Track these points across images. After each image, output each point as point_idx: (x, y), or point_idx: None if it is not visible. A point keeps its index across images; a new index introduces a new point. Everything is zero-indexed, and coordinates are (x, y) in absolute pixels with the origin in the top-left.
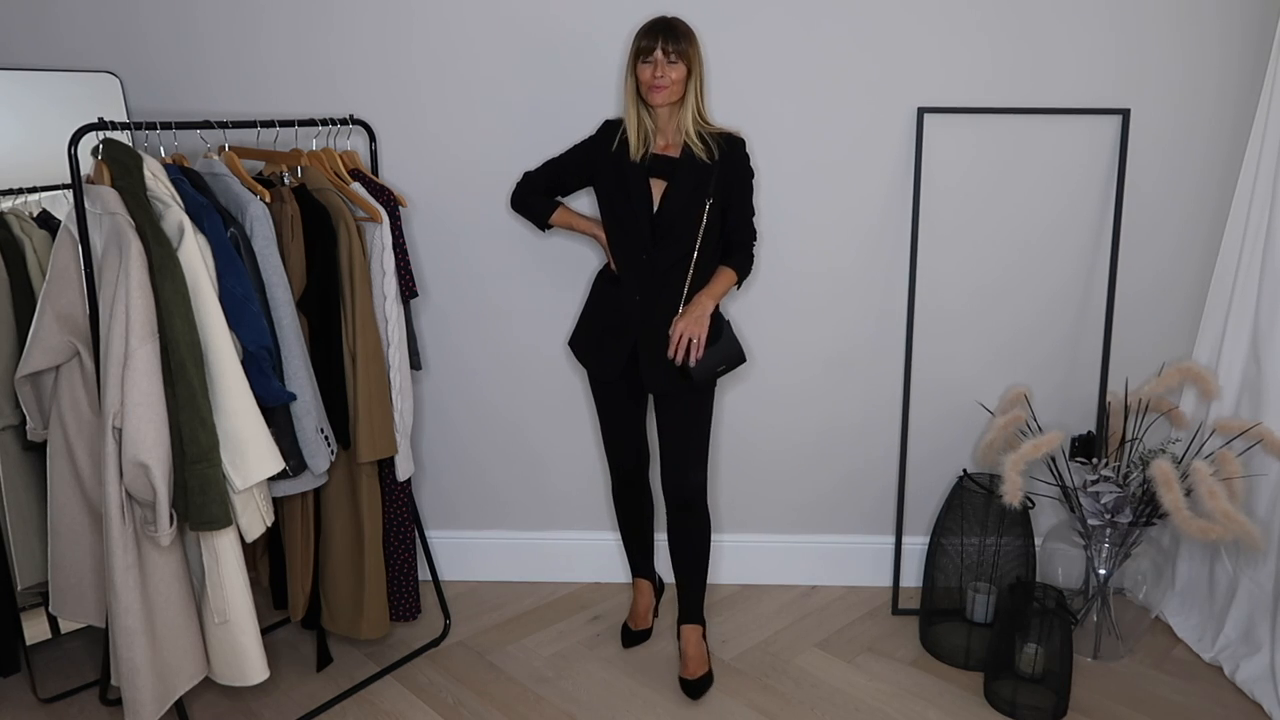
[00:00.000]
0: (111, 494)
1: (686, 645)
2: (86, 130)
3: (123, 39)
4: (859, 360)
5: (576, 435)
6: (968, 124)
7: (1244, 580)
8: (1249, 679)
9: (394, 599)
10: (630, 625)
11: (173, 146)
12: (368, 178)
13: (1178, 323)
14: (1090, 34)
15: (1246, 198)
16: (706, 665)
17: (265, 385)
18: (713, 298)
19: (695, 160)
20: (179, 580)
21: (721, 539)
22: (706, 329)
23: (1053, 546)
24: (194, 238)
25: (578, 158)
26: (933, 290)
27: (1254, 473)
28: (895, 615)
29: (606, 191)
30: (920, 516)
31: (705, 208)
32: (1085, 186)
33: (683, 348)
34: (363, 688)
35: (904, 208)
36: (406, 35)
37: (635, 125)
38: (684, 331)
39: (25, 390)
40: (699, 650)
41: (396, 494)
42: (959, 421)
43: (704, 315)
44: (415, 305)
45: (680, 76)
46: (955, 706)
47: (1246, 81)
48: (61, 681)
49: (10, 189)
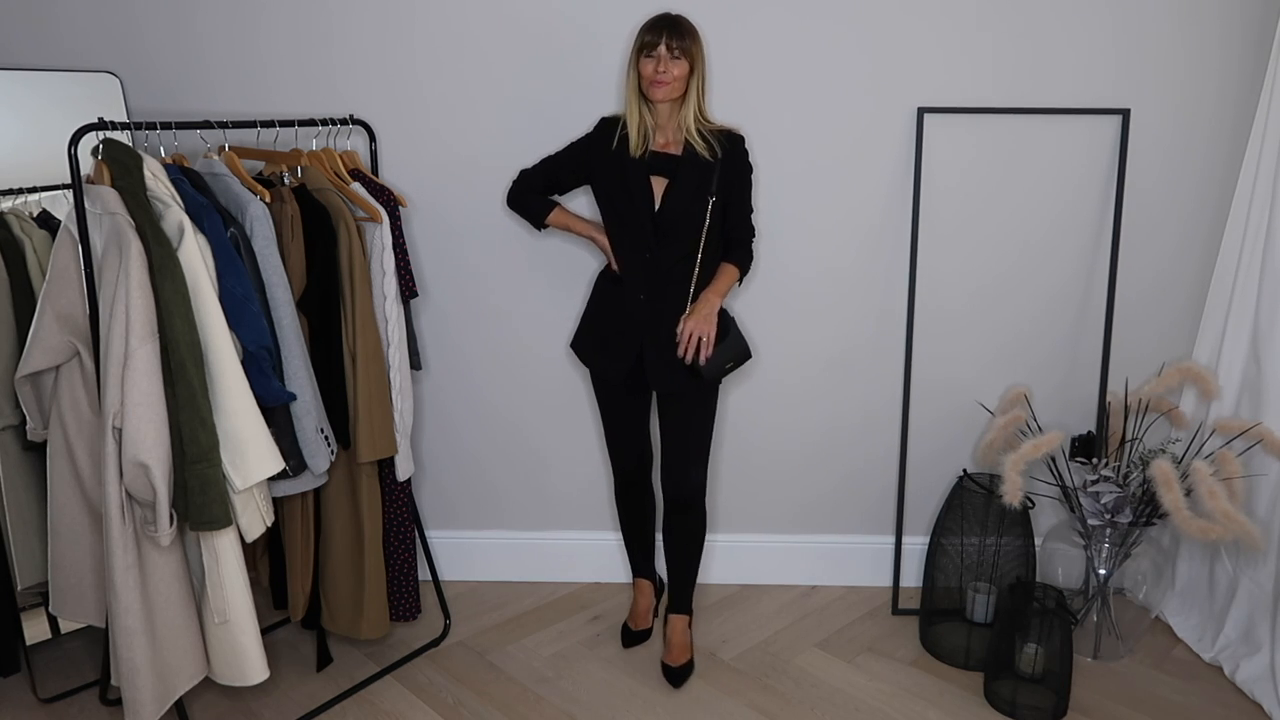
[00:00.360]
0: (111, 494)
1: (673, 633)
2: (86, 130)
3: (123, 39)
4: (859, 360)
5: (576, 435)
6: (968, 124)
7: (1244, 580)
8: (1249, 679)
9: (394, 599)
10: (630, 625)
11: (173, 146)
12: (368, 178)
13: (1178, 323)
14: (1090, 34)
15: (1246, 198)
16: (689, 654)
17: (265, 385)
18: (719, 295)
19: (698, 158)
20: (179, 580)
21: (722, 539)
22: (715, 327)
23: (1053, 546)
24: (194, 238)
25: (575, 155)
26: (933, 290)
27: (1254, 473)
28: (895, 615)
29: (606, 189)
30: (920, 516)
31: (709, 206)
32: (1085, 186)
33: (693, 346)
34: (363, 688)
35: (904, 208)
36: (407, 35)
37: (636, 122)
38: (694, 330)
39: (25, 390)
40: (684, 639)
41: (396, 494)
42: (959, 421)
43: (712, 313)
44: (415, 305)
45: (682, 73)
46: (955, 706)
47: (1246, 81)
48: (61, 681)
49: (10, 189)
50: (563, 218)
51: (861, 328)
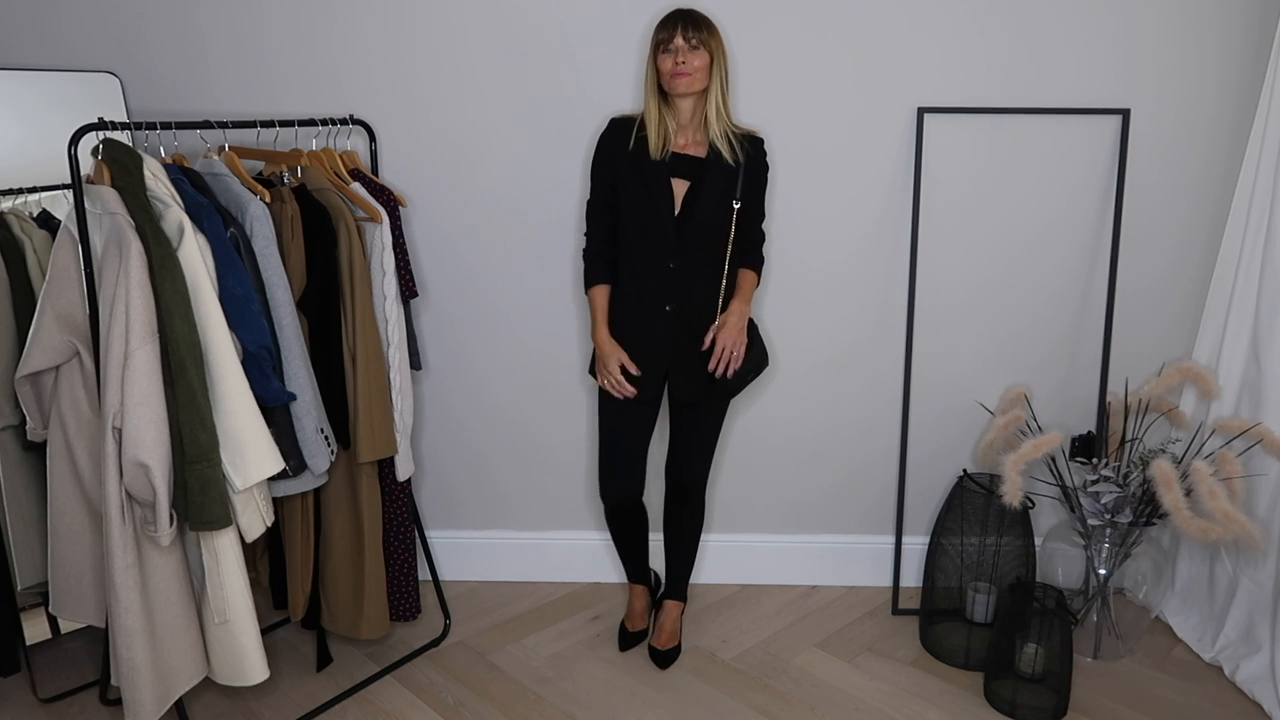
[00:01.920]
0: (111, 494)
1: (665, 618)
2: (86, 130)
3: (123, 39)
4: (859, 360)
5: (576, 435)
6: (968, 124)
7: (1244, 580)
8: (1249, 679)
9: (394, 599)
10: (628, 626)
11: (173, 146)
12: (368, 178)
13: (1178, 323)
14: (1090, 34)
15: (1246, 198)
16: (678, 639)
17: (265, 385)
18: (748, 304)
19: (723, 162)
20: (179, 580)
21: (722, 539)
22: (746, 338)
23: (1053, 546)
24: (194, 238)
25: (603, 174)
26: (933, 290)
27: (1254, 473)
28: (895, 615)
29: (627, 192)
30: (920, 516)
31: (734, 211)
32: (1085, 186)
33: (725, 360)
34: (363, 688)
35: (904, 208)
36: (408, 35)
37: (656, 122)
38: (727, 343)
39: (25, 390)
40: (675, 624)
41: (396, 494)
42: (959, 421)
43: (744, 326)
44: (415, 305)
45: (703, 64)
46: (955, 706)
47: (1246, 81)
48: (61, 681)
49: (10, 189)
50: (598, 304)
51: (861, 327)
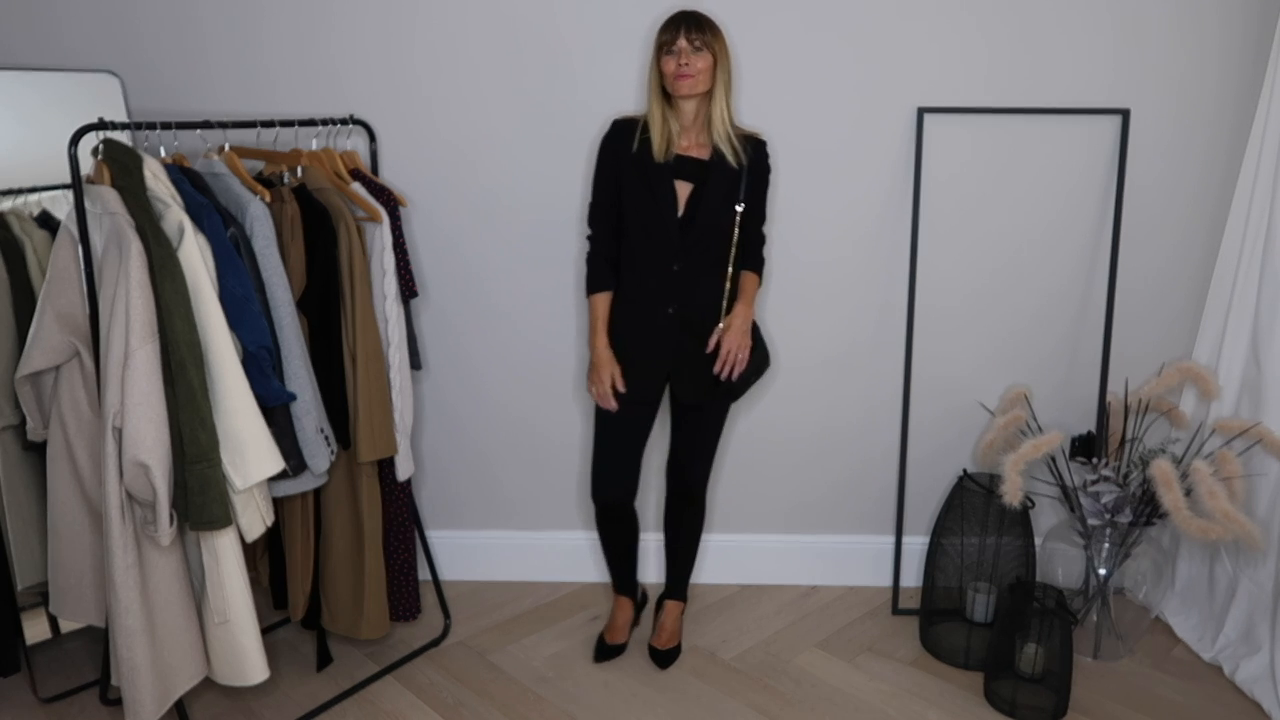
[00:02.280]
0: (111, 494)
1: (666, 618)
2: (86, 130)
3: (123, 39)
4: (859, 360)
5: (577, 435)
6: (968, 124)
7: (1244, 580)
8: (1249, 679)
9: (394, 599)
10: (607, 638)
11: (173, 146)
12: (368, 178)
13: (1178, 323)
14: (1090, 34)
15: (1246, 198)
16: (679, 639)
17: (265, 385)
18: (751, 307)
19: (726, 164)
20: (179, 580)
21: (722, 539)
22: (750, 341)
23: (1053, 546)
24: (194, 238)
25: (607, 175)
26: (933, 290)
27: (1254, 473)
28: (895, 615)
29: (630, 195)
30: (920, 516)
31: (737, 214)
32: (1085, 186)
33: (730, 363)
34: (363, 688)
35: (904, 207)
36: (407, 35)
37: (660, 124)
38: (732, 347)
39: (25, 390)
40: (676, 624)
41: (396, 494)
42: (959, 421)
43: (748, 329)
44: (415, 305)
45: (707, 66)
46: (955, 706)
47: (1246, 81)
48: (61, 681)
49: (10, 189)
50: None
51: (861, 327)
